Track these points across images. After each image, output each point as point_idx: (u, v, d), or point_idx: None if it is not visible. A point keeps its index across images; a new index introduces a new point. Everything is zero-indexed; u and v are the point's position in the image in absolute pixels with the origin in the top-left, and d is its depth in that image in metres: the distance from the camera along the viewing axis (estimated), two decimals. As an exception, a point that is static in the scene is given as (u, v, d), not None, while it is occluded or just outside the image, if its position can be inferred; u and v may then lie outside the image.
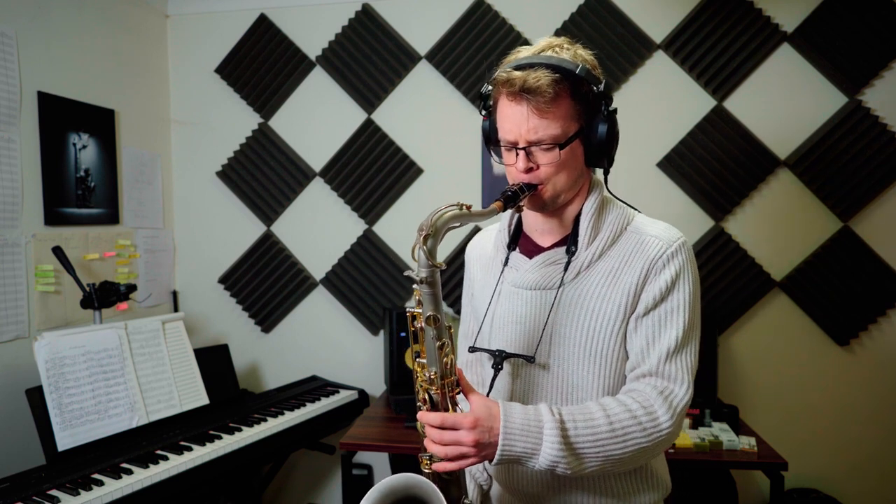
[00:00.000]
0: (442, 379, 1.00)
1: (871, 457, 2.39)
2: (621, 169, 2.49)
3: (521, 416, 0.97)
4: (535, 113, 1.01)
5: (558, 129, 1.02)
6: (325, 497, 2.85)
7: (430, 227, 0.94)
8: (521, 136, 1.03)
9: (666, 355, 1.03)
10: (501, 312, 1.16)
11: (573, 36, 2.48)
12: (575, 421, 0.98)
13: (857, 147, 2.32)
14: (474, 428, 0.95)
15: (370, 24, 2.66)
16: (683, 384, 1.03)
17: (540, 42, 1.09)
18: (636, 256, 1.06)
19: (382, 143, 2.68)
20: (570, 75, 1.01)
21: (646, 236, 1.08)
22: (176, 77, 2.86)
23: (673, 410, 1.00)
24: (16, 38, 2.08)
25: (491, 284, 1.20)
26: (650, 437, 0.99)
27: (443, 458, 0.97)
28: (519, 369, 1.13)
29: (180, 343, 2.29)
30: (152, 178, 2.74)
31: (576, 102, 1.03)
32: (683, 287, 1.05)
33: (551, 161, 1.03)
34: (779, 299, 2.45)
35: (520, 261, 1.16)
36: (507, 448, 0.95)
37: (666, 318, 1.04)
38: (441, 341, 0.99)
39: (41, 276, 2.13)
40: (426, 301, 0.98)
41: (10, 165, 2.06)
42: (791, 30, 2.37)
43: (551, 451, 0.95)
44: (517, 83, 0.99)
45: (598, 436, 0.97)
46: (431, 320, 0.98)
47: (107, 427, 1.95)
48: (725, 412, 2.14)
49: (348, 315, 2.77)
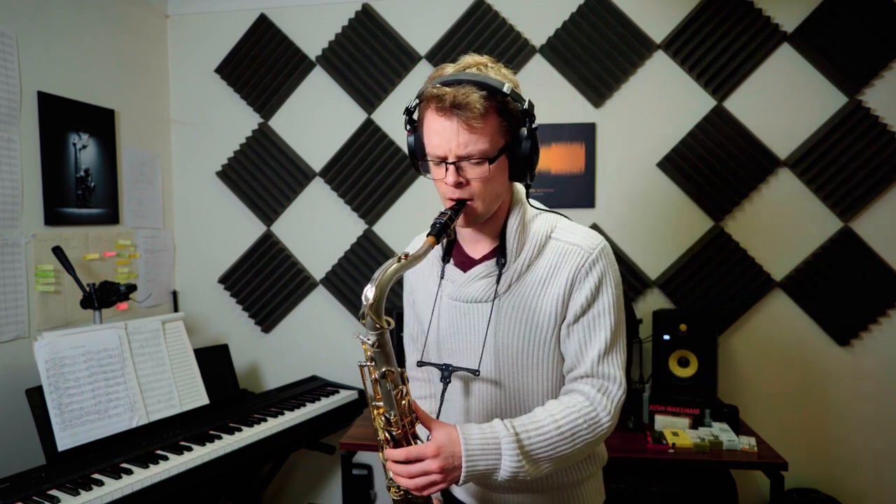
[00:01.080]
0: (402, 419, 1.05)
1: (871, 457, 2.39)
2: (621, 169, 2.52)
3: (479, 437, 1.03)
4: (465, 128, 1.03)
5: (487, 143, 1.05)
6: (325, 497, 2.85)
7: (375, 295, 1.01)
8: (451, 151, 1.05)
9: (598, 357, 1.11)
10: (444, 325, 1.21)
11: (573, 36, 2.50)
12: (528, 431, 1.04)
13: (857, 147, 2.32)
14: (438, 455, 1.00)
15: (370, 24, 2.66)
16: (616, 381, 1.11)
17: (465, 58, 1.11)
18: (561, 266, 1.12)
19: (382, 143, 2.68)
20: (497, 93, 1.04)
21: (568, 245, 1.14)
22: (176, 77, 2.86)
23: (610, 406, 1.09)
24: (16, 38, 2.08)
25: (431, 296, 1.25)
26: (594, 432, 1.08)
27: (413, 489, 1.02)
28: (467, 380, 1.20)
29: (180, 343, 2.29)
30: (152, 178, 2.74)
31: (502, 119, 1.06)
32: (606, 291, 1.12)
33: (481, 175, 1.06)
34: (779, 299, 2.45)
35: (455, 274, 1.20)
36: (471, 468, 1.01)
37: (594, 323, 1.12)
38: (397, 388, 1.04)
39: (41, 276, 2.13)
40: (378, 359, 1.03)
41: (10, 165, 2.06)
42: (791, 30, 2.37)
43: (510, 463, 1.02)
44: (447, 99, 1.02)
45: (550, 440, 1.05)
46: (387, 375, 1.03)
47: (107, 427, 1.95)
48: (725, 412, 2.14)
49: (348, 315, 2.77)
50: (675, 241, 2.50)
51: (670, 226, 2.50)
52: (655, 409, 2.17)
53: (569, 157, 2.54)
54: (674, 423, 2.13)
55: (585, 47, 2.51)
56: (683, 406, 2.15)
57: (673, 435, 2.00)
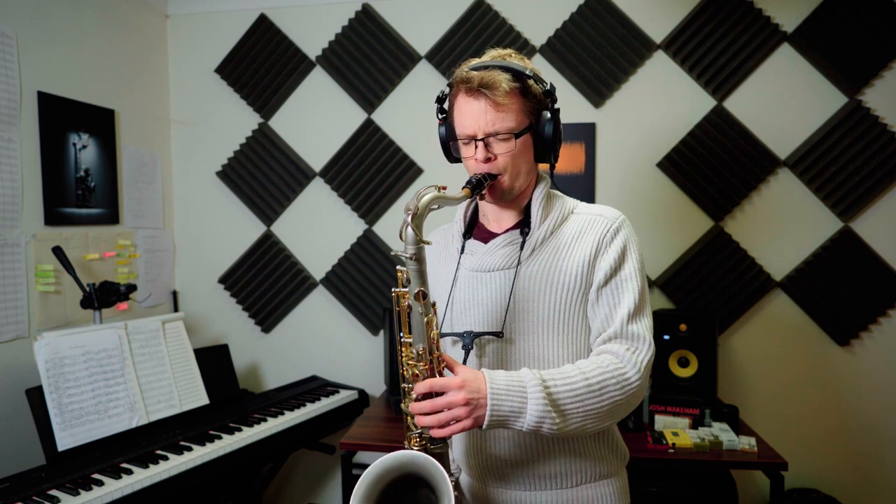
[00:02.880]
0: (430, 353, 1.06)
1: (871, 457, 2.39)
2: (621, 169, 2.52)
3: (505, 378, 1.03)
4: (492, 107, 1.11)
5: (513, 121, 1.13)
6: (325, 497, 2.85)
7: (416, 206, 1.02)
8: (480, 129, 1.13)
9: (627, 318, 1.12)
10: (462, 297, 1.23)
11: (573, 36, 2.50)
12: (555, 379, 1.05)
13: (857, 147, 2.32)
14: (463, 387, 1.00)
15: (370, 24, 2.66)
16: (645, 342, 1.12)
17: (490, 52, 1.21)
18: (585, 232, 1.17)
19: (382, 143, 2.68)
20: (521, 76, 1.14)
21: (591, 216, 1.20)
22: (176, 77, 2.86)
23: (640, 365, 1.09)
24: (16, 38, 2.08)
25: (448, 273, 1.27)
26: (623, 389, 1.07)
27: (435, 425, 1.01)
28: (487, 349, 1.20)
29: (180, 343, 2.29)
30: (152, 178, 2.74)
31: (526, 100, 1.15)
32: (631, 256, 1.16)
33: (508, 150, 1.14)
34: (779, 299, 2.45)
35: (476, 246, 1.24)
36: (496, 408, 1.01)
37: (623, 285, 1.14)
38: (428, 316, 1.05)
39: (41, 276, 2.13)
40: (414, 278, 1.04)
41: (10, 165, 2.06)
42: (791, 30, 2.37)
43: (536, 407, 1.01)
44: (475, 80, 1.11)
45: (577, 391, 1.04)
46: (420, 295, 1.04)
47: (107, 427, 1.95)
48: (725, 412, 2.14)
49: (348, 315, 2.77)
50: (675, 241, 2.50)
51: (670, 226, 2.50)
52: (655, 409, 2.17)
53: (569, 157, 2.54)
54: (674, 423, 2.13)
55: (585, 47, 2.51)
56: (683, 406, 2.15)
57: (673, 435, 2.00)
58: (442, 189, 1.06)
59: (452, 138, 1.20)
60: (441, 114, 1.24)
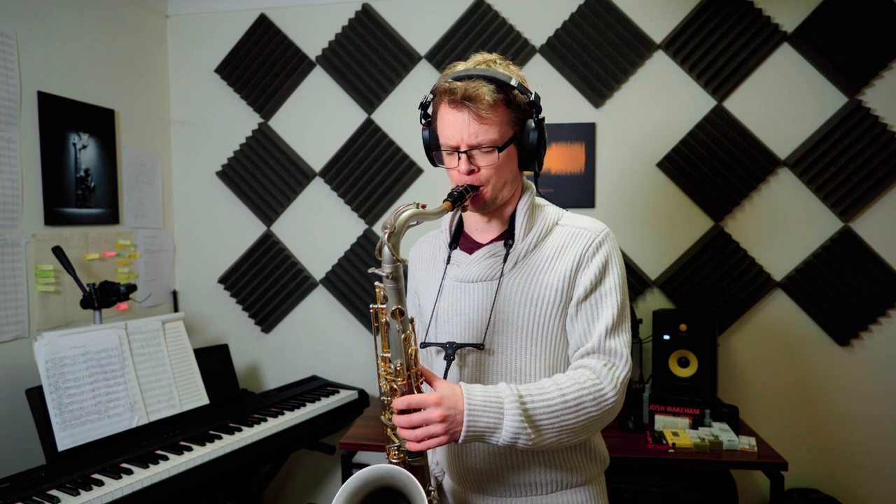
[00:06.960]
0: (408, 370, 1.06)
1: (871, 457, 2.39)
2: (621, 169, 2.52)
3: (482, 394, 1.04)
4: (475, 119, 1.10)
5: (496, 133, 1.11)
6: (325, 497, 2.85)
7: (393, 225, 1.02)
8: (463, 141, 1.11)
9: (605, 332, 1.12)
10: (446, 307, 1.23)
11: (573, 36, 2.50)
12: (532, 395, 1.05)
13: (857, 147, 2.32)
14: (440, 404, 1.01)
15: (370, 24, 2.66)
16: (622, 358, 1.12)
17: (475, 57, 1.18)
18: (568, 246, 1.17)
19: (382, 143, 2.68)
20: (505, 86, 1.11)
21: (575, 228, 1.19)
22: (176, 77, 2.86)
23: (616, 381, 1.09)
24: (16, 38, 2.08)
25: (434, 282, 1.27)
26: (599, 406, 1.07)
27: (413, 440, 1.02)
28: (468, 359, 1.20)
29: (180, 343, 2.29)
30: (152, 178, 2.74)
31: (510, 111, 1.13)
32: (612, 271, 1.16)
33: (491, 163, 1.12)
34: (779, 299, 2.45)
35: (461, 257, 1.25)
36: (472, 424, 1.01)
37: (602, 300, 1.14)
38: (405, 333, 1.05)
39: (41, 276, 2.13)
40: (391, 295, 1.04)
41: (10, 165, 2.06)
42: (791, 30, 2.37)
43: (512, 423, 1.01)
44: (458, 92, 1.09)
45: (554, 407, 1.04)
46: (397, 313, 1.04)
47: (107, 427, 1.95)
48: (725, 412, 2.14)
49: (348, 315, 2.77)
50: (675, 241, 2.50)
51: (670, 226, 2.50)
52: (655, 409, 2.17)
53: (569, 157, 2.54)
54: (674, 423, 2.13)
55: (585, 47, 2.51)
56: (683, 406, 2.15)
57: (673, 435, 2.00)
58: (421, 207, 1.06)
59: (436, 146, 1.19)
60: (425, 119, 1.23)
